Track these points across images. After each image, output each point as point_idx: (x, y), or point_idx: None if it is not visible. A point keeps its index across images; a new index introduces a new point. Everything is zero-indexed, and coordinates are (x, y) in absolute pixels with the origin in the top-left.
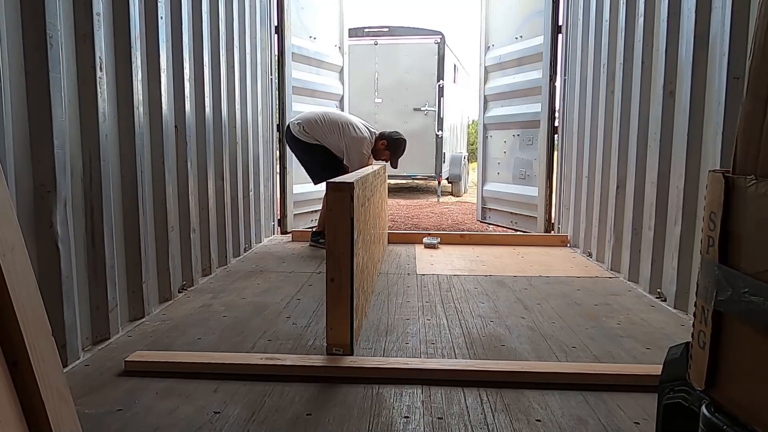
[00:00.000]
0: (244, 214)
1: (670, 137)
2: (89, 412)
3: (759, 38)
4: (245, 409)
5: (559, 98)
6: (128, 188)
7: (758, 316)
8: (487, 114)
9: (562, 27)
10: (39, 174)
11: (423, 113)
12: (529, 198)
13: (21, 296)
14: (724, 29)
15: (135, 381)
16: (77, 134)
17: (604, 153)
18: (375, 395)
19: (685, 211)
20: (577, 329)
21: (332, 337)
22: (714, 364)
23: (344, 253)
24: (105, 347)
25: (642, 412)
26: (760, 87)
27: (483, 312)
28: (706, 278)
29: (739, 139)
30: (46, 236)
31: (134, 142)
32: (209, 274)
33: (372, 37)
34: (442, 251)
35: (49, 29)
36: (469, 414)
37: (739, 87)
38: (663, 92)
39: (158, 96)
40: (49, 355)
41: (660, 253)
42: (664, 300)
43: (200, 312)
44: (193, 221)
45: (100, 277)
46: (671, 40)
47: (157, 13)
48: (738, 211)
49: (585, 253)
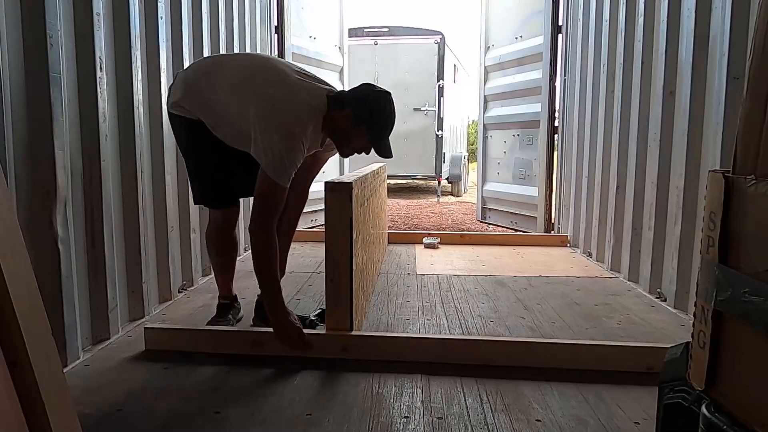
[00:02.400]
0: (243, 214)
1: (670, 137)
2: (89, 412)
3: (759, 38)
4: (245, 409)
5: (559, 98)
6: (128, 188)
7: (758, 316)
8: (487, 114)
9: (562, 27)
10: (39, 174)
11: (423, 113)
12: (529, 198)
13: (21, 296)
14: (724, 29)
15: (135, 381)
16: (77, 134)
17: (604, 153)
18: (375, 395)
19: (685, 211)
20: (576, 329)
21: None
22: (714, 364)
23: (343, 253)
24: (105, 347)
25: (642, 412)
26: (759, 87)
27: (483, 312)
28: (706, 278)
29: (739, 140)
30: (46, 236)
31: (134, 142)
32: (209, 274)
33: (372, 37)
34: (442, 251)
35: (49, 29)
36: (469, 414)
37: (739, 87)
38: (663, 92)
39: (158, 96)
40: (49, 355)
41: (660, 253)
42: (664, 300)
43: (200, 312)
44: (193, 221)
45: (100, 277)
46: (671, 41)
47: (157, 13)
48: (738, 212)
49: (585, 253)
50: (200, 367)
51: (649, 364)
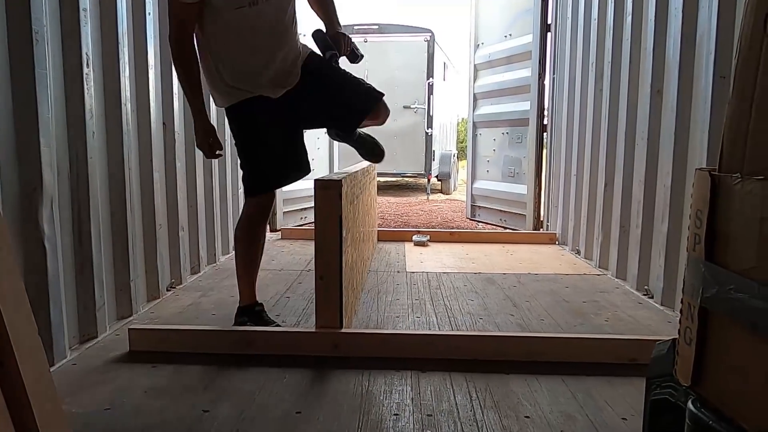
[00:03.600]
0: (233, 212)
1: (658, 135)
2: (77, 411)
3: (745, 37)
4: (234, 408)
5: (547, 96)
6: (116, 186)
7: (744, 312)
8: (476, 112)
9: (550, 26)
10: (25, 172)
11: (413, 111)
12: (518, 196)
13: (7, 295)
14: (711, 28)
15: (123, 380)
16: (64, 131)
17: (593, 151)
18: (365, 393)
19: (672, 209)
20: (565, 326)
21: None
22: (700, 360)
23: (333, 251)
24: (92, 346)
25: (629, 408)
26: (746, 86)
27: (472, 309)
28: (692, 275)
29: (725, 138)
30: (33, 235)
31: (122, 139)
32: (198, 272)
33: (362, 34)
34: (431, 249)
35: (34, 25)
36: (458, 411)
37: (726, 86)
38: (651, 91)
39: (146, 93)
40: (36, 354)
41: (647, 251)
42: (651, 297)
43: (189, 310)
44: (182, 219)
45: (87, 276)
46: (659, 39)
47: (144, 9)
48: (724, 209)
49: (573, 251)
50: (189, 365)
51: (632, 356)
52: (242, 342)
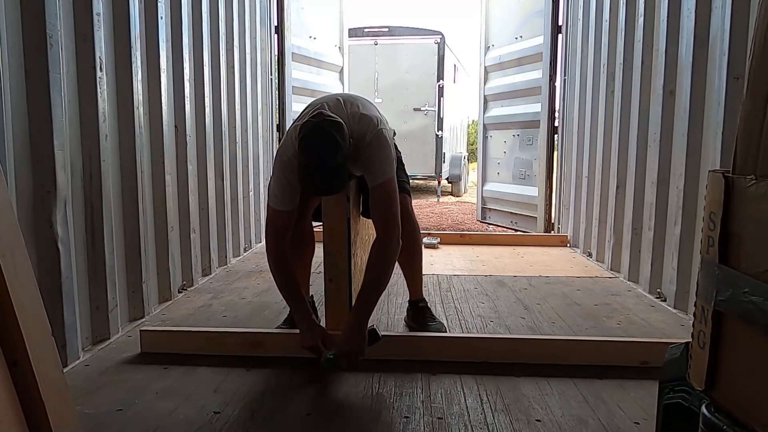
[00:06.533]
0: (244, 214)
1: (670, 137)
2: (89, 412)
3: (759, 38)
4: (245, 410)
5: (559, 98)
6: (128, 188)
7: (758, 316)
8: (487, 114)
9: (562, 27)
10: (39, 174)
11: (423, 113)
12: (529, 198)
13: (21, 296)
14: (724, 29)
15: (135, 381)
16: (77, 134)
17: (604, 153)
18: (375, 395)
19: (685, 211)
20: (576, 329)
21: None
22: (714, 364)
23: (342, 253)
24: (105, 347)
25: (642, 412)
26: (760, 87)
27: (483, 312)
28: (706, 278)
29: (739, 139)
30: (46, 236)
31: (134, 142)
32: (209, 274)
33: (372, 37)
34: (441, 251)
35: (49, 29)
36: (469, 414)
37: (739, 87)
38: (663, 92)
39: (158, 96)
40: (49, 355)
41: (660, 253)
42: (664, 300)
43: (200, 312)
44: (193, 221)
45: (100, 277)
46: (671, 40)
47: (157, 14)
48: (738, 211)
49: (585, 253)
50: (200, 367)
51: (645, 359)
52: (252, 344)
